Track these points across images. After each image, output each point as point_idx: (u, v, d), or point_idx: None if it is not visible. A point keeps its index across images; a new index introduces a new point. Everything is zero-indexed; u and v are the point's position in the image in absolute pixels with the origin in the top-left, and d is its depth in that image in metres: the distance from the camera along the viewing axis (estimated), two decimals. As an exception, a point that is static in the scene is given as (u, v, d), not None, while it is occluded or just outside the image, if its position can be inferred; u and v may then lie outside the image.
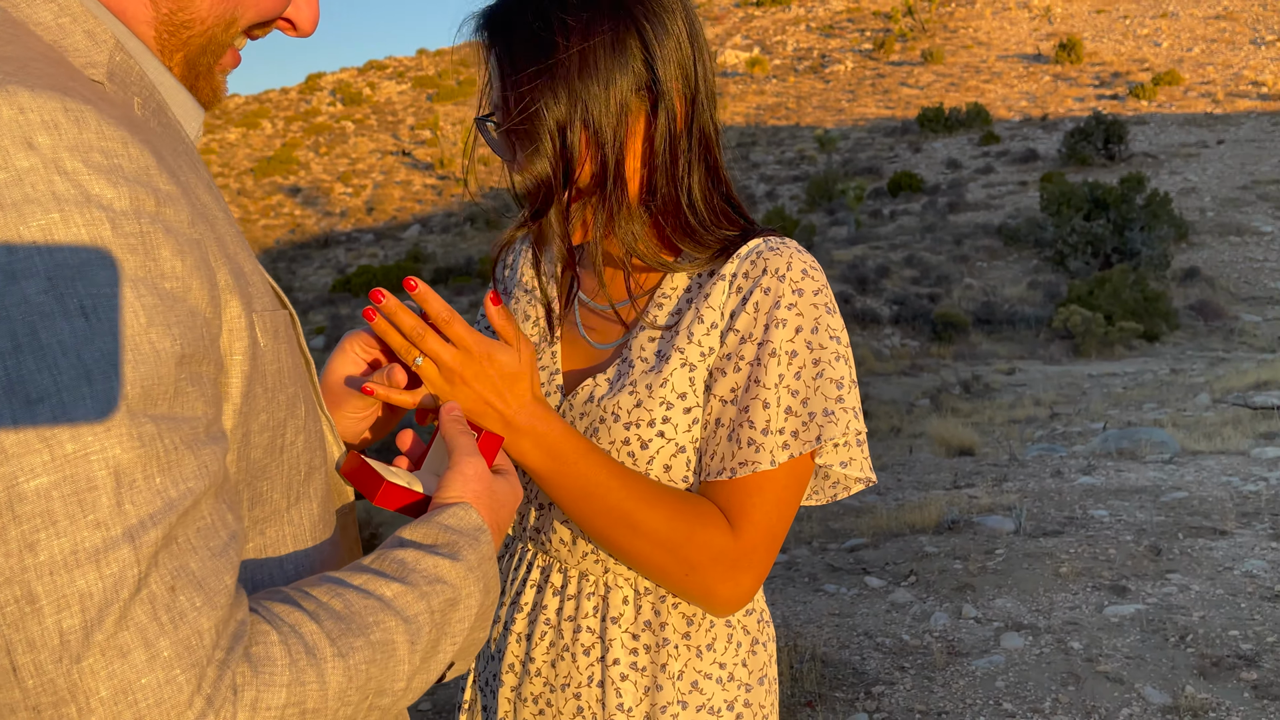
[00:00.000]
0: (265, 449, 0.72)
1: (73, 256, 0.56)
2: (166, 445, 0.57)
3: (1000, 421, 11.77)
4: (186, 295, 0.61)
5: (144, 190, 0.60)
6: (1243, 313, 18.68)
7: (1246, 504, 5.26)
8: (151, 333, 0.58)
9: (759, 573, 1.00)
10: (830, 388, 1.00)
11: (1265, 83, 35.96)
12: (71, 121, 0.58)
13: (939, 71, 45.37)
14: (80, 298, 0.55)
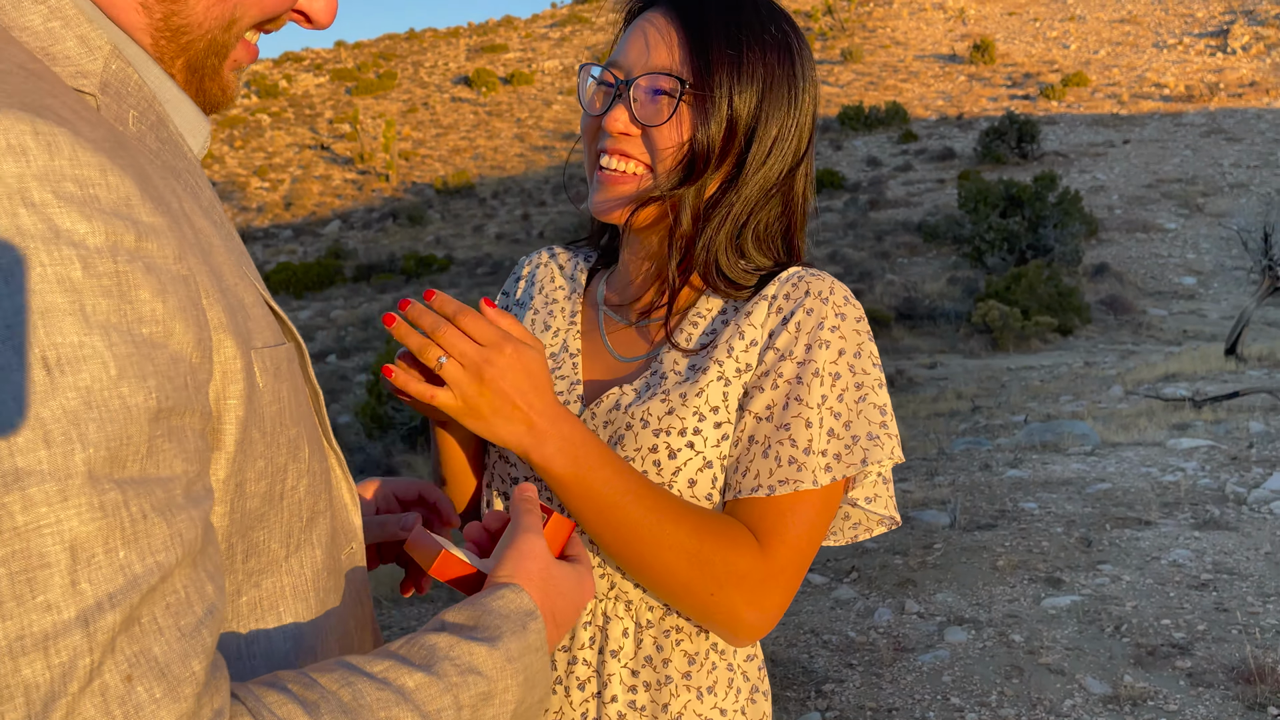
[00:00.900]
0: (263, 497, 0.66)
1: (37, 301, 0.50)
2: (134, 513, 0.51)
3: (925, 415, 12.03)
4: (168, 340, 0.55)
5: (122, 223, 0.53)
6: (1150, 307, 19.42)
7: (1167, 494, 5.46)
8: (122, 386, 0.52)
9: (785, 597, 0.97)
10: (874, 413, 0.99)
11: (1167, 84, 37.43)
12: (42, 146, 0.52)
13: (858, 70, 46.17)
14: (43, 348, 0.50)
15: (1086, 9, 51.00)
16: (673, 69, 1.00)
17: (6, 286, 0.49)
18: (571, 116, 46.37)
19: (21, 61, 0.59)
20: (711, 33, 1.00)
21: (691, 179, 1.00)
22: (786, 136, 1.03)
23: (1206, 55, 40.94)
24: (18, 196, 0.50)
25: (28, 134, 0.52)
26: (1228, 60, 39.75)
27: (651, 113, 1.01)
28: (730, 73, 0.99)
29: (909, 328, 19.03)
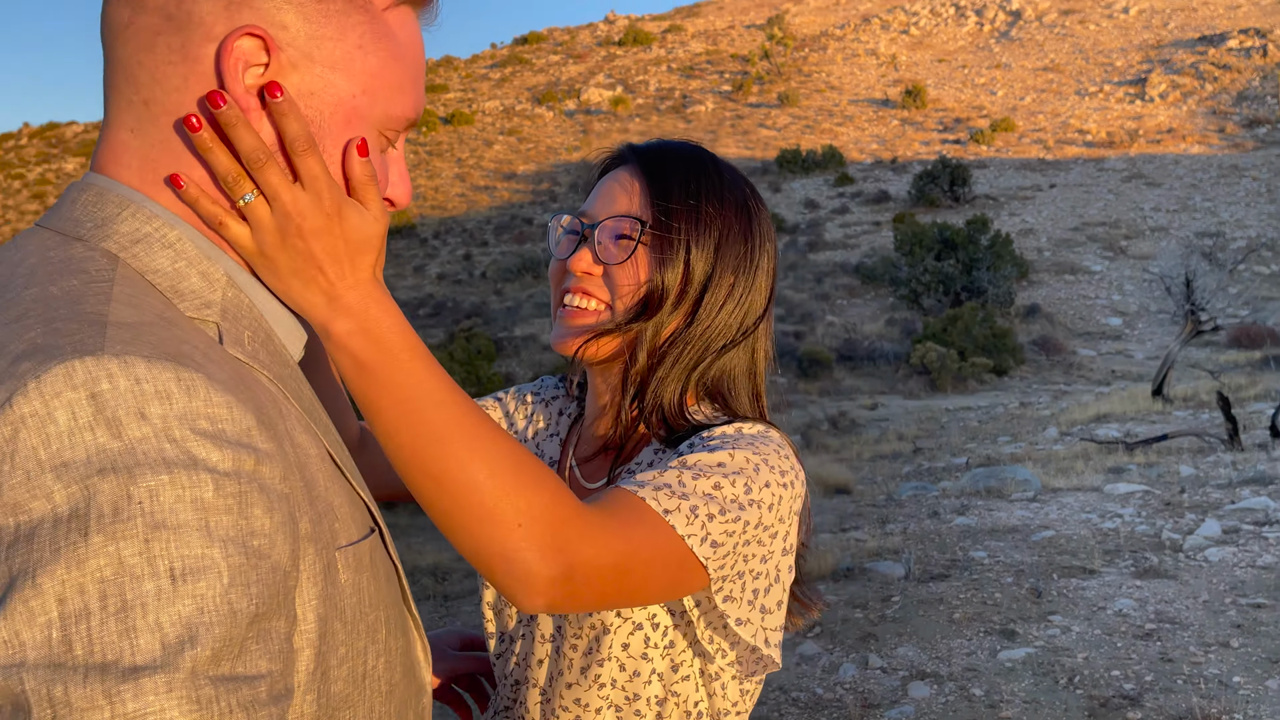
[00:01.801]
0: (346, 679, 0.73)
1: (171, 518, 0.59)
2: (223, 708, 0.58)
3: (868, 457, 12.27)
4: (271, 551, 0.63)
5: (245, 451, 0.63)
6: (1079, 347, 20.07)
7: (1107, 541, 5.69)
8: (231, 593, 0.60)
9: (582, 582, 0.85)
10: (761, 579, 1.01)
11: (1089, 131, 38.95)
12: (183, 390, 0.62)
13: (795, 114, 47.21)
14: (172, 560, 0.58)
15: (1011, 57, 52.92)
16: (633, 212, 1.07)
17: (151, 506, 0.59)
18: (512, 156, 46.56)
19: (159, 311, 0.70)
20: (673, 184, 1.08)
21: (646, 315, 1.05)
22: (743, 289, 1.08)
23: (1126, 103, 42.73)
24: (163, 433, 0.60)
25: (172, 380, 0.62)
26: (1146, 108, 41.53)
27: (613, 253, 1.07)
28: (689, 220, 1.06)
29: (850, 369, 19.41)
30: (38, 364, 0.61)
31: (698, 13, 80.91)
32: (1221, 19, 52.06)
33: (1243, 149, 34.76)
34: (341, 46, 0.75)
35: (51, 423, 0.59)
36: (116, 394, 0.60)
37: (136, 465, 0.59)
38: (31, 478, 0.58)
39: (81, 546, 0.57)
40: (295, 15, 0.73)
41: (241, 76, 0.71)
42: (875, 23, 63.61)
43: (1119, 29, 53.99)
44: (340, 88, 0.75)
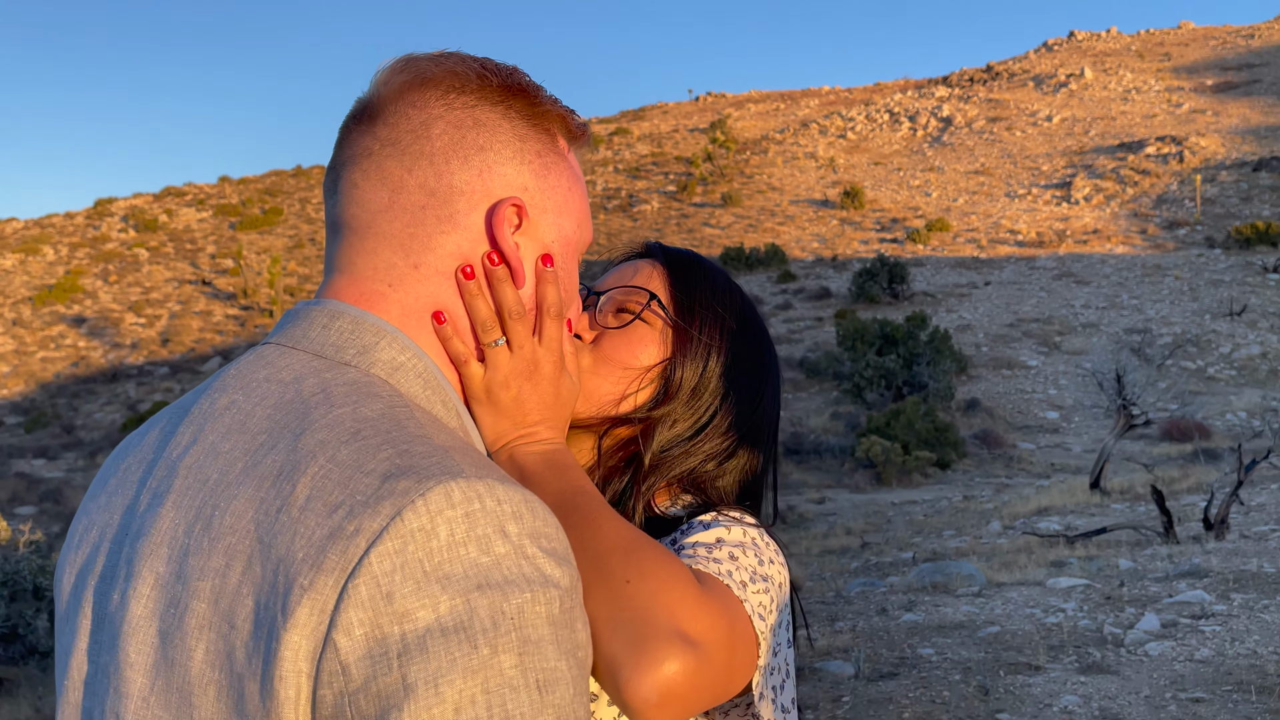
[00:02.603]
0: None
1: (534, 632, 0.66)
2: None
3: (817, 552, 12.30)
4: (587, 661, 0.71)
5: (572, 568, 0.71)
6: (1019, 440, 20.47)
7: (1051, 636, 5.76)
8: (576, 702, 0.68)
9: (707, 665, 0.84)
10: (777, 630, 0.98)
11: (1020, 231, 40.47)
12: (530, 511, 0.70)
13: (738, 213, 48.42)
14: (538, 672, 0.65)
15: (944, 160, 55.11)
16: (647, 286, 1.07)
17: (521, 621, 0.66)
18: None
19: (454, 434, 0.78)
20: (697, 286, 1.08)
21: (662, 403, 1.03)
22: (746, 413, 1.06)
23: (1053, 205, 44.58)
24: (519, 551, 0.67)
25: (522, 502, 0.70)
26: (1072, 210, 43.35)
27: (610, 319, 1.06)
28: (711, 326, 1.05)
29: (797, 463, 19.54)
30: (416, 482, 0.68)
31: (643, 116, 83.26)
32: (1139, 127, 54.94)
33: (1164, 249, 36.34)
34: (559, 193, 0.88)
35: (434, 537, 0.66)
36: (485, 513, 0.68)
37: (506, 582, 0.66)
38: (420, 588, 0.64)
39: (474, 658, 0.64)
40: (531, 176, 0.86)
41: (510, 237, 0.84)
42: (814, 127, 66.00)
43: (1044, 135, 56.66)
44: (566, 227, 0.89)
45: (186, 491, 0.74)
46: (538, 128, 0.87)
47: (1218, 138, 49.45)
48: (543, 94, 0.89)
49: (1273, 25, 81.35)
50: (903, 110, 67.05)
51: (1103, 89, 65.08)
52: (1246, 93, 59.93)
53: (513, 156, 0.85)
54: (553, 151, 0.88)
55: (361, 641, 0.64)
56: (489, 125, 0.84)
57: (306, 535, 0.66)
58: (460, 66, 0.86)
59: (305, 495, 0.68)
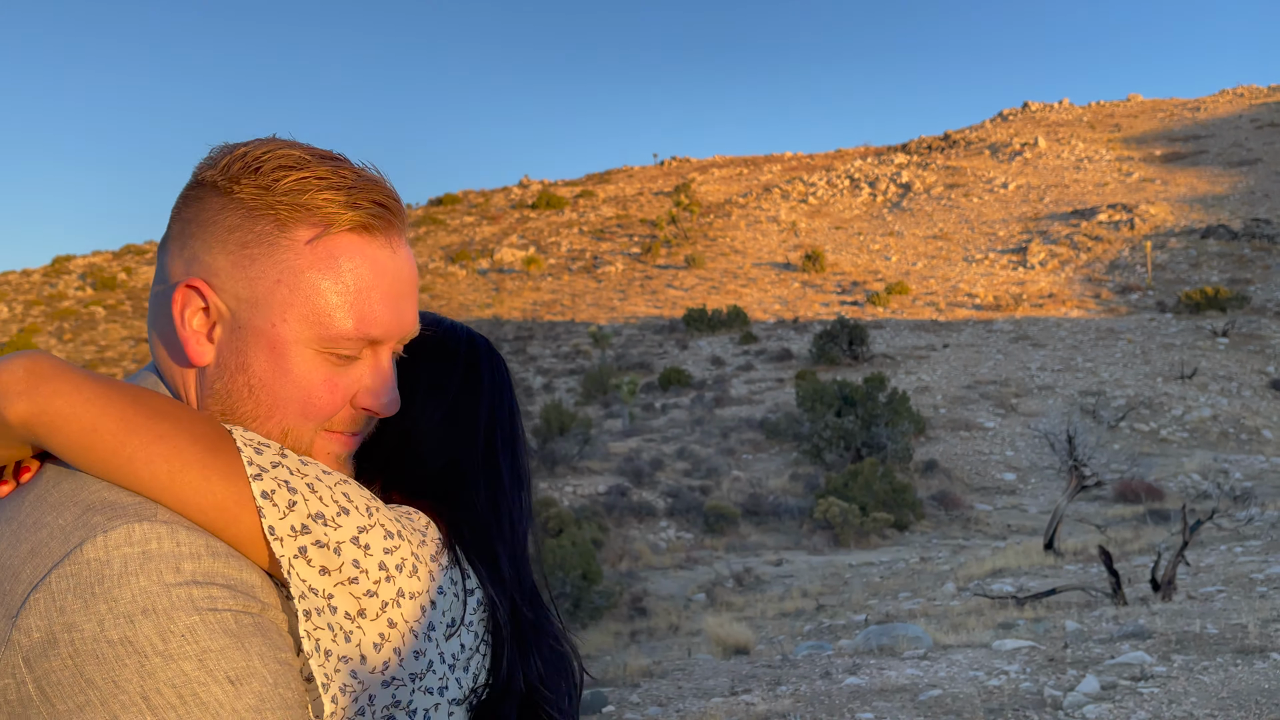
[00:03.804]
0: None
1: (213, 642, 0.78)
2: None
3: (772, 615, 12.17)
4: (290, 660, 0.83)
5: (250, 599, 0.83)
6: (976, 502, 20.53)
7: (992, 699, 5.68)
8: (277, 690, 0.79)
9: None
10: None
11: (977, 294, 41.14)
12: (210, 555, 0.83)
13: (701, 275, 48.85)
14: (227, 670, 0.77)
15: (903, 225, 56.13)
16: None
17: (186, 636, 0.80)
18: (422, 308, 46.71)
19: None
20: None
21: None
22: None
23: (1010, 269, 45.43)
24: (190, 583, 0.81)
25: (203, 547, 0.83)
26: (1028, 274, 44.19)
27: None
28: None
29: (755, 524, 19.43)
30: (107, 519, 0.80)
31: (608, 179, 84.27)
32: (1091, 195, 56.39)
33: (1117, 313, 37.06)
34: (264, 282, 0.89)
35: (108, 566, 0.77)
36: (162, 554, 0.79)
37: (173, 608, 0.77)
38: (87, 605, 0.76)
39: (146, 664, 0.76)
40: (224, 260, 0.90)
41: (188, 320, 0.91)
42: (776, 192, 67.10)
43: (1000, 202, 57.96)
44: (268, 317, 0.90)
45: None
46: (256, 219, 0.89)
47: (1167, 206, 50.86)
48: (285, 183, 0.89)
49: (1217, 99, 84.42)
50: (863, 176, 68.43)
51: (1056, 158, 66.90)
52: (1194, 162, 61.87)
53: (215, 245, 0.90)
54: (265, 241, 0.89)
55: (38, 642, 0.76)
56: (204, 214, 0.90)
57: (20, 552, 0.81)
58: (216, 154, 0.92)
59: (31, 517, 0.83)
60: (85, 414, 0.83)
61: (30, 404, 0.82)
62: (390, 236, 0.93)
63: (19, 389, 0.82)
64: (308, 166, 0.90)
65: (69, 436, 0.83)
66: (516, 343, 40.79)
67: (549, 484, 19.90)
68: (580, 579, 12.58)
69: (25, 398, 0.82)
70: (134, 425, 0.83)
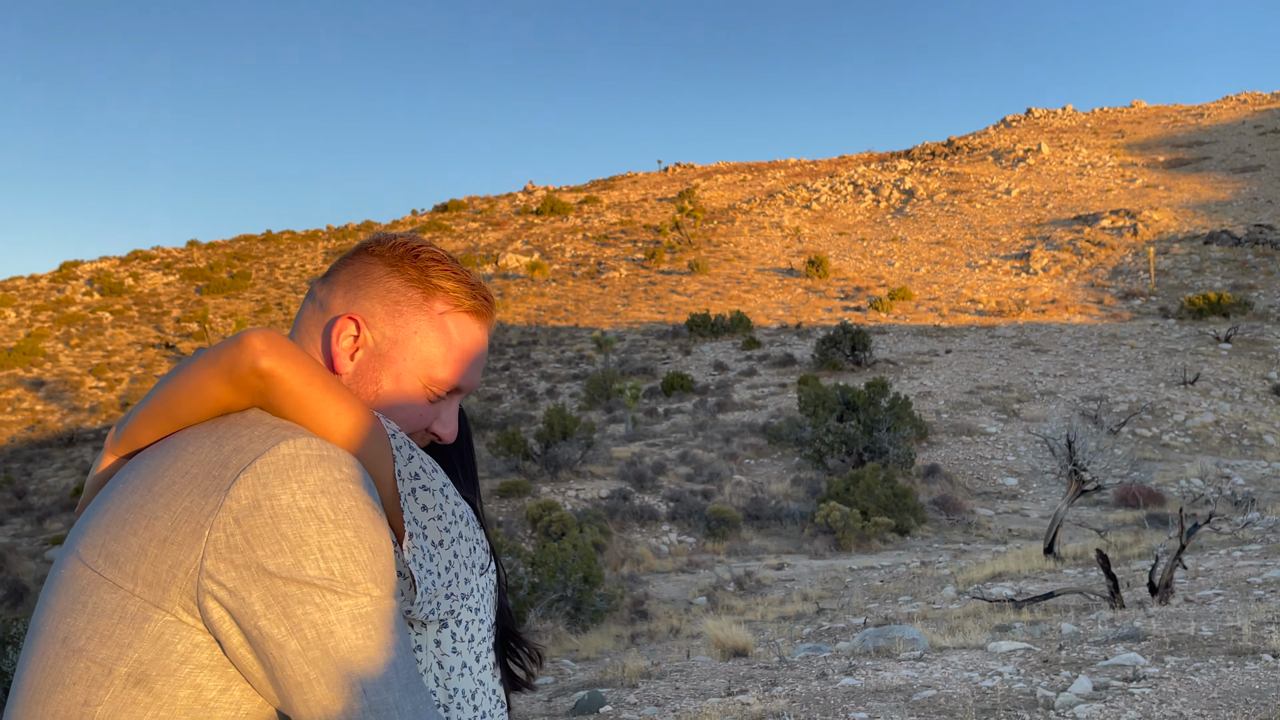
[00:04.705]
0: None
1: (363, 521, 1.11)
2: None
3: (772, 618, 12.21)
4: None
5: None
6: (977, 507, 20.55)
7: (985, 700, 5.74)
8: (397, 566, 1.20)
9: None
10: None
11: (980, 300, 41.16)
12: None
13: (704, 281, 48.92)
14: (369, 542, 1.11)
15: (906, 231, 56.16)
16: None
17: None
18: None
19: None
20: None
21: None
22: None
23: (1012, 275, 45.44)
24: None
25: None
26: (1031, 280, 44.19)
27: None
28: None
29: (757, 528, 19.48)
30: (292, 432, 1.15)
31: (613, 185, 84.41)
32: (1094, 201, 56.39)
33: (1120, 319, 37.06)
34: (403, 332, 1.28)
35: (296, 459, 1.13)
36: (332, 456, 1.14)
37: (341, 493, 1.12)
38: (284, 482, 1.09)
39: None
40: (380, 308, 1.28)
41: (339, 340, 1.27)
42: (779, 198, 67.17)
43: (1003, 208, 57.98)
44: (401, 355, 1.27)
45: None
46: (410, 288, 1.29)
47: (1170, 212, 50.85)
48: (436, 271, 1.30)
49: (1221, 105, 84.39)
50: (866, 182, 68.48)
51: (1059, 164, 66.92)
52: (1197, 169, 61.86)
53: (375, 296, 1.28)
54: (411, 304, 1.28)
55: (246, 505, 1.06)
56: (372, 274, 1.29)
57: (224, 450, 1.13)
58: (388, 238, 1.32)
59: (230, 432, 1.16)
60: (302, 374, 1.15)
61: (272, 361, 1.14)
62: (487, 323, 1.35)
63: (263, 349, 1.14)
64: (447, 263, 1.31)
65: (290, 389, 1.14)
66: (520, 348, 40.87)
67: (552, 488, 19.97)
68: (582, 582, 12.64)
69: (268, 356, 1.14)
70: (330, 389, 1.17)
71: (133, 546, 1.06)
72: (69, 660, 1.06)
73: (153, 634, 1.05)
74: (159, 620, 1.05)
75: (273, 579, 1.03)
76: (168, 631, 1.05)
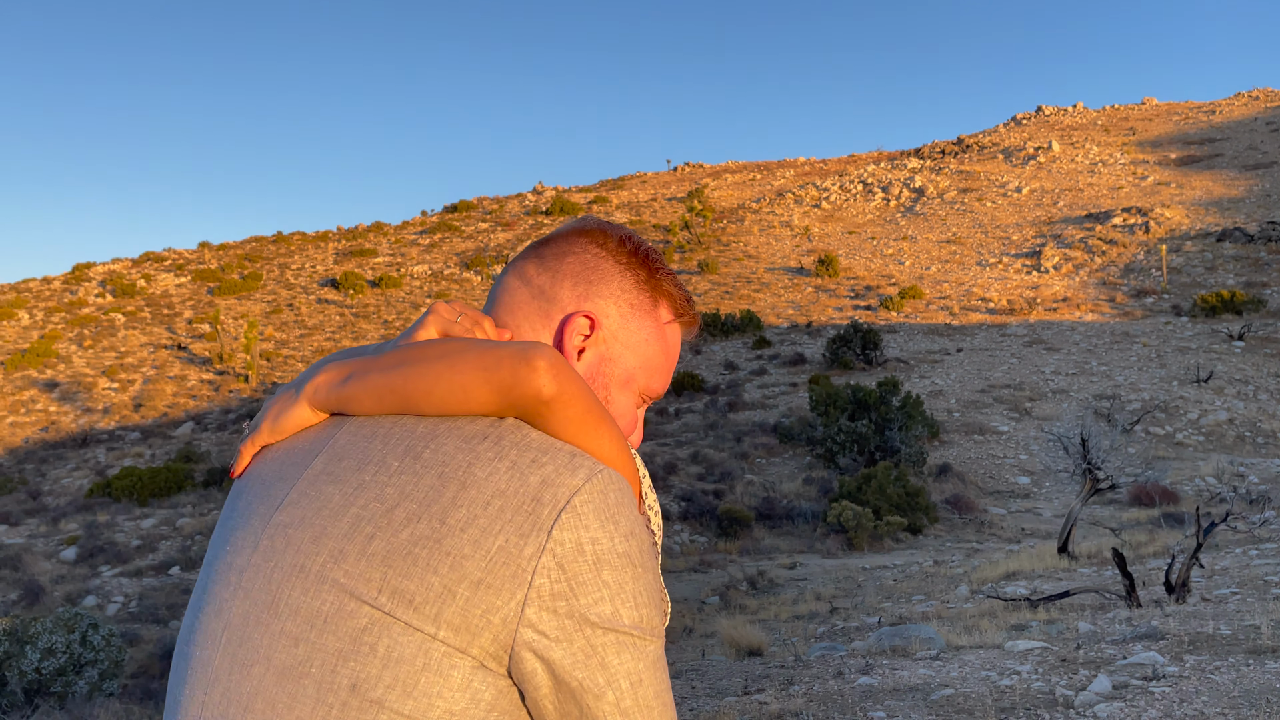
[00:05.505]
0: None
1: (653, 560, 1.10)
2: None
3: (785, 617, 12.20)
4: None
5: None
6: (990, 505, 20.50)
7: (1004, 699, 5.73)
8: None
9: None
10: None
11: (991, 298, 41.04)
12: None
13: (714, 280, 48.90)
14: (659, 577, 1.10)
15: (916, 230, 56.04)
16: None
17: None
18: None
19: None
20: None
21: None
22: None
23: (1023, 273, 45.30)
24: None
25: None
26: (1042, 278, 44.05)
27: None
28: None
29: (769, 528, 19.47)
30: (592, 464, 1.08)
31: (622, 185, 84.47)
32: (1105, 199, 56.18)
33: (1132, 317, 36.91)
34: (633, 334, 1.24)
35: (608, 497, 1.06)
36: (628, 490, 1.12)
37: (641, 531, 1.11)
38: (604, 525, 1.05)
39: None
40: (614, 310, 1.23)
41: (573, 337, 1.21)
42: (789, 197, 67.10)
43: (1013, 206, 57.80)
44: (628, 359, 1.24)
45: None
46: (642, 291, 1.24)
47: (1182, 209, 50.62)
48: (663, 276, 1.26)
49: (1233, 101, 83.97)
50: (876, 181, 68.36)
51: (1070, 162, 66.68)
52: (1209, 166, 61.57)
53: (609, 296, 1.23)
54: (643, 309, 1.24)
55: (570, 550, 1.03)
56: (604, 270, 1.23)
57: (530, 483, 1.08)
58: (611, 230, 1.26)
59: (524, 458, 1.09)
60: (583, 401, 1.10)
61: (557, 389, 1.07)
62: (693, 334, 1.33)
63: (552, 374, 1.07)
64: (667, 268, 1.28)
65: (573, 414, 1.08)
66: (530, 348, 40.84)
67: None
68: (595, 582, 12.63)
69: (556, 383, 1.07)
70: (603, 415, 1.11)
71: (434, 586, 0.99)
72: (366, 713, 0.99)
73: (460, 682, 1.00)
74: (464, 666, 1.00)
75: (594, 629, 1.00)
76: (475, 679, 1.00)
